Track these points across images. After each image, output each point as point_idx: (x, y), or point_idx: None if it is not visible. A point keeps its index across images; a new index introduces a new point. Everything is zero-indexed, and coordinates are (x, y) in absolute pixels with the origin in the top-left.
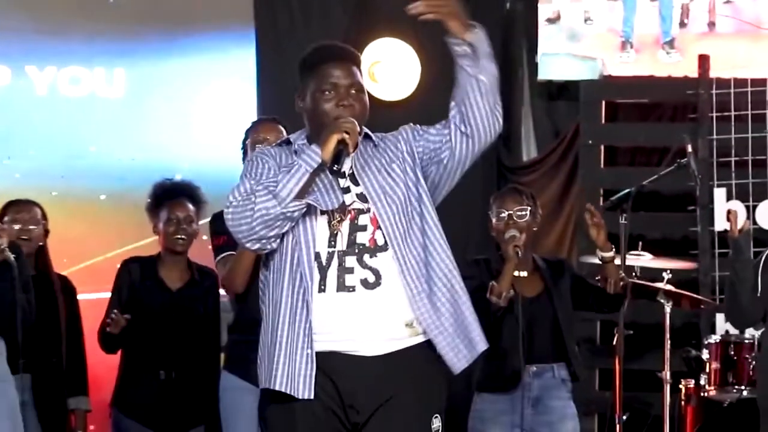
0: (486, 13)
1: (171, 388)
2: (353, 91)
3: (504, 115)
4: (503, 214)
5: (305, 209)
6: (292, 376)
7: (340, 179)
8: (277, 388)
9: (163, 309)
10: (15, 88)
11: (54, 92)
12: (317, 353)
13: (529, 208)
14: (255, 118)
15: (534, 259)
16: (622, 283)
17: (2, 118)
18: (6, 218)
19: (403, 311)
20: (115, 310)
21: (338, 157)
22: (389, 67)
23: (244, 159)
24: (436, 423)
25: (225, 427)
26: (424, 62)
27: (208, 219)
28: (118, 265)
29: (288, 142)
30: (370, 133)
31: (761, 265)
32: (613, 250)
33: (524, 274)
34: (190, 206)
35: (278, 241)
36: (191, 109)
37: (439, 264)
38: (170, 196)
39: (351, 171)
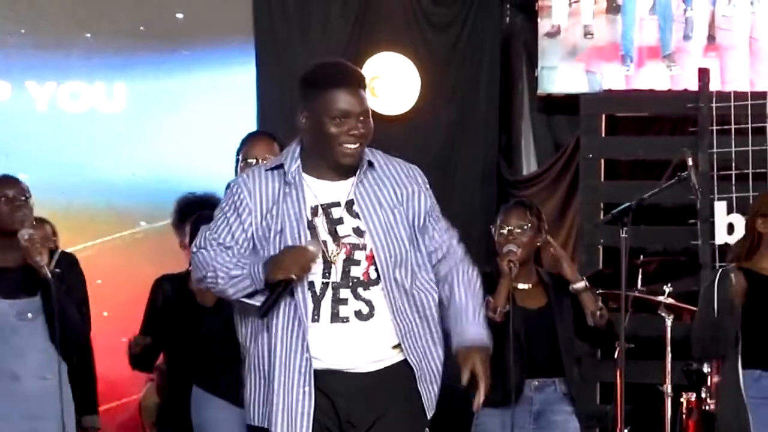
0: (486, 27)
1: None
2: (362, 118)
3: (504, 129)
4: (504, 229)
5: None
6: (291, 417)
7: (334, 208)
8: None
9: (196, 323)
10: (15, 104)
11: (54, 107)
12: (314, 371)
13: (531, 223)
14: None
15: (539, 272)
16: (600, 313)
17: (2, 133)
18: None
19: (391, 338)
20: (137, 335)
21: (277, 292)
22: (389, 82)
23: (236, 172)
24: None
25: None
26: (423, 77)
27: None
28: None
29: (280, 166)
30: (373, 160)
31: (716, 284)
32: (585, 281)
33: (527, 286)
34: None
35: None
36: (191, 124)
37: (430, 304)
38: (192, 210)
39: (350, 199)
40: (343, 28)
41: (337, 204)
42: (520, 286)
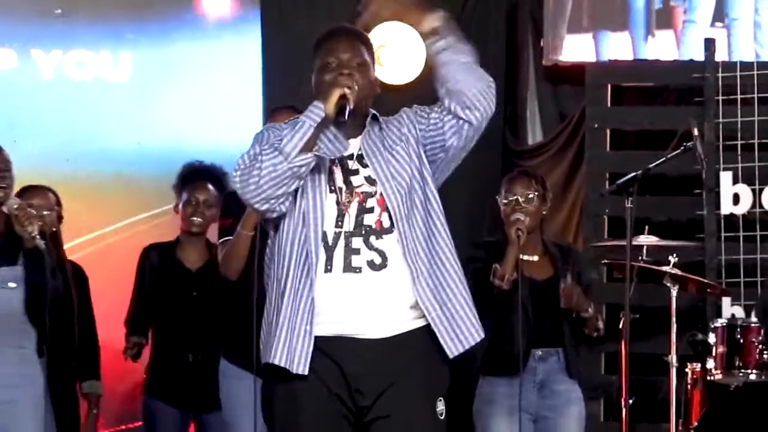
0: None
1: (199, 370)
2: (355, 64)
3: (509, 99)
4: (510, 198)
5: (313, 165)
6: (291, 350)
7: (348, 161)
8: (274, 362)
9: (184, 290)
10: (21, 72)
11: (60, 76)
12: (323, 337)
13: (537, 192)
14: (262, 102)
15: (545, 243)
16: (596, 335)
17: (8, 101)
18: None
19: (408, 293)
20: (134, 338)
21: (341, 110)
22: (395, 51)
23: None
24: (441, 406)
25: (225, 414)
26: None
27: None
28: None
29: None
30: (377, 115)
31: None
32: (592, 307)
33: (534, 258)
34: (212, 190)
35: (286, 203)
36: (197, 93)
37: (442, 248)
38: (194, 178)
39: (360, 152)
40: None
41: (351, 157)
42: (527, 257)
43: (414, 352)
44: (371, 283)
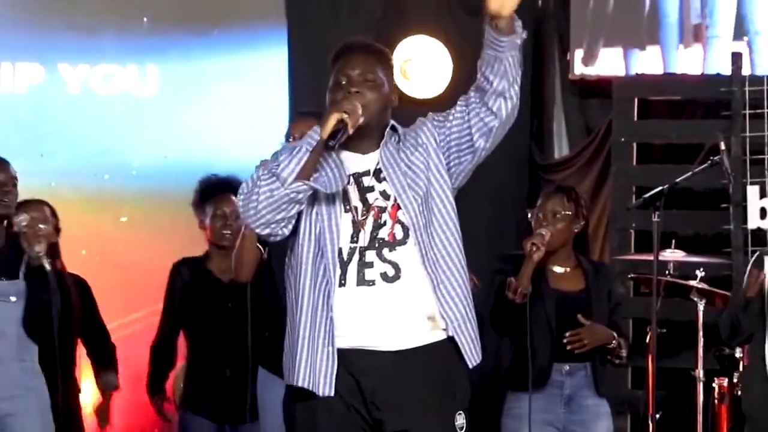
0: (518, 10)
1: (237, 384)
2: (364, 80)
3: (536, 113)
4: (540, 213)
5: (311, 192)
6: (314, 373)
7: (364, 177)
8: (299, 385)
9: (218, 304)
10: (48, 86)
11: (87, 90)
12: (339, 350)
13: (566, 210)
14: (288, 115)
15: (578, 258)
16: (618, 362)
17: (35, 115)
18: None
19: (423, 304)
20: (157, 400)
21: (335, 134)
22: (421, 65)
23: None
24: (460, 420)
25: (262, 422)
26: (456, 60)
27: None
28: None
29: None
30: (397, 126)
31: (748, 269)
32: (615, 337)
33: (564, 270)
34: (236, 200)
35: (289, 227)
36: (224, 107)
37: (459, 258)
38: (215, 192)
39: (377, 167)
40: (375, 11)
41: (368, 173)
42: (556, 269)
43: (432, 365)
44: (385, 295)
